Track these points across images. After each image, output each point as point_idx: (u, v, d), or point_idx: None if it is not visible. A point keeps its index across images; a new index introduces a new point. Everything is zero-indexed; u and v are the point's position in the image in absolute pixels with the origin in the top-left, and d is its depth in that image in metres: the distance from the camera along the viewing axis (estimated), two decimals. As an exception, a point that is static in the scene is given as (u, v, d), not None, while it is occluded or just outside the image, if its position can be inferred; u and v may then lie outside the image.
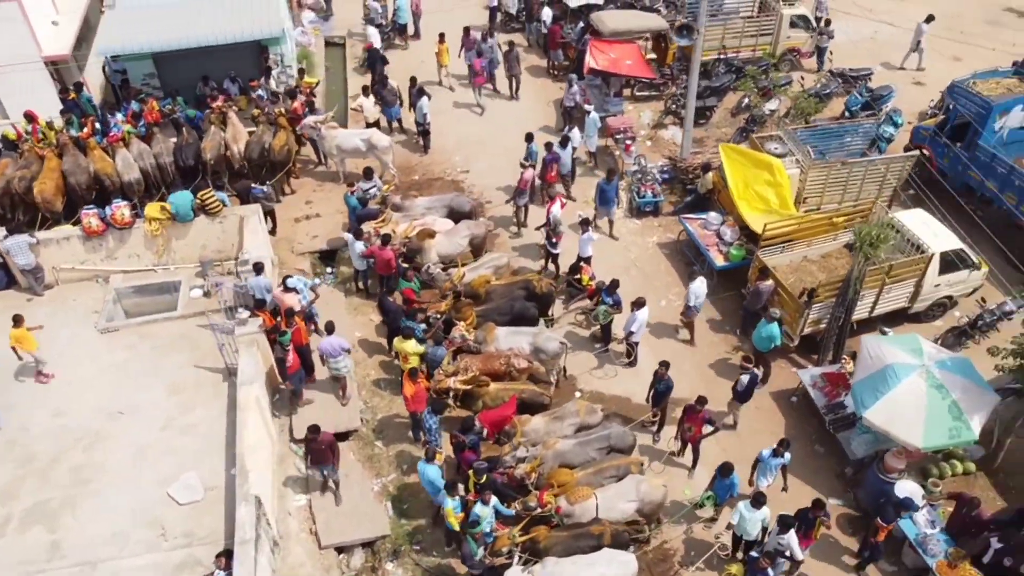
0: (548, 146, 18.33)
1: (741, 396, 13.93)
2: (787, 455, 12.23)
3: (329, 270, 17.87)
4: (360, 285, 16.74)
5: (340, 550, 13.03)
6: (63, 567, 12.05)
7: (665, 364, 13.44)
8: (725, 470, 11.97)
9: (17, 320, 14.06)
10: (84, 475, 13.26)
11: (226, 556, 11.53)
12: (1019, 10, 26.54)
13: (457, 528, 11.54)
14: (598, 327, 15.74)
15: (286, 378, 13.94)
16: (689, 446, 13.57)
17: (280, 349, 13.60)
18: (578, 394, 15.07)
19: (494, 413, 12.76)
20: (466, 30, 22.51)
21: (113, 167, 17.74)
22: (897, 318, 16.13)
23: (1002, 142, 17.89)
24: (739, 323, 16.10)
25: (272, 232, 18.10)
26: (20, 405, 14.34)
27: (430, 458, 12.16)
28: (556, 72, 23.69)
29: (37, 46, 18.57)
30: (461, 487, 11.62)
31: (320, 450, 12.43)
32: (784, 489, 12.63)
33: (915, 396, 12.23)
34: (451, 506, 11.42)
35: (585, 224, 16.26)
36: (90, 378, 14.84)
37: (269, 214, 17.87)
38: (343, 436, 14.35)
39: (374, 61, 22.01)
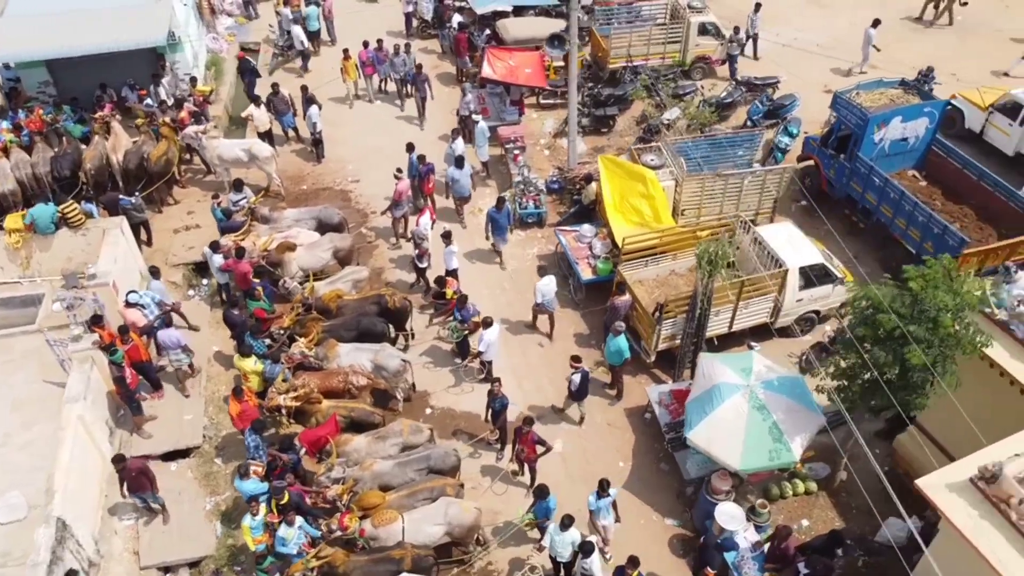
0: (422, 158, 18.12)
1: (576, 395, 14.02)
2: (612, 491, 11.92)
3: (205, 282, 17.69)
4: (224, 298, 16.56)
5: (166, 570, 12.86)
6: None
7: (497, 381, 13.27)
8: (540, 492, 11.78)
9: None
10: (-89, 490, 13.08)
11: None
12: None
13: (252, 548, 11.34)
14: (453, 342, 15.57)
15: (124, 397, 13.69)
16: (526, 466, 13.35)
17: (115, 368, 13.37)
18: (428, 411, 14.91)
19: (313, 432, 12.58)
20: (379, 43, 22.20)
21: (-14, 177, 17.57)
22: (767, 333, 15.92)
23: (884, 154, 17.68)
24: (603, 337, 15.88)
25: (148, 243, 17.92)
26: None
27: (243, 474, 12.00)
28: (465, 79, 23.48)
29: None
30: (263, 506, 11.41)
31: (132, 477, 12.23)
32: (617, 521, 12.36)
33: (736, 417, 12.05)
34: (247, 524, 11.24)
35: (447, 237, 16.06)
36: (-66, 392, 14.65)
37: (143, 225, 17.68)
38: (184, 453, 14.19)
39: (244, 71, 21.66)
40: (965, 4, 25.49)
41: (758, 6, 23.29)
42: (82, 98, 20.90)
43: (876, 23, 22.79)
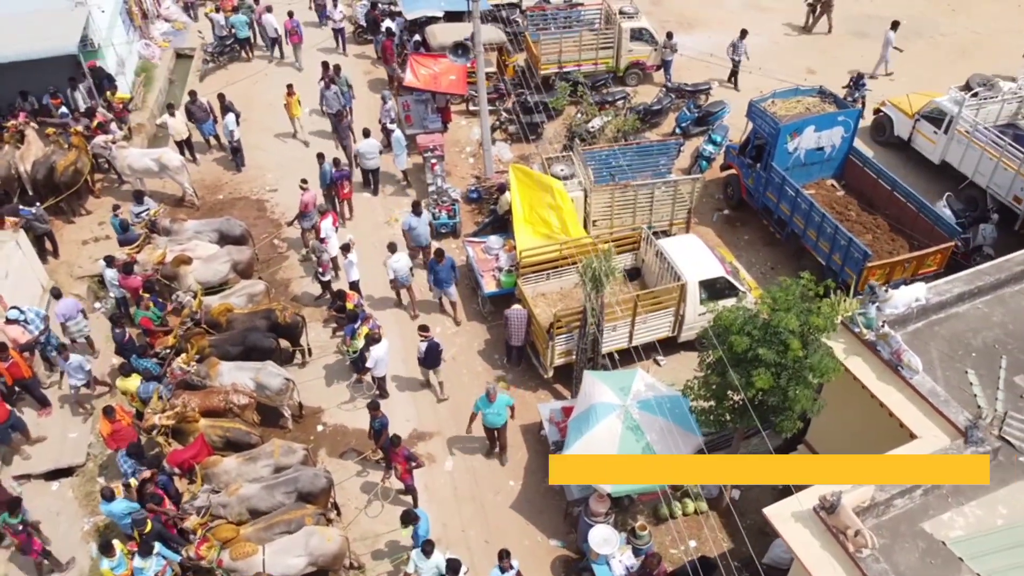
0: (336, 162, 17.92)
1: (425, 362, 14.56)
2: (515, 563, 11.33)
3: (112, 295, 17.37)
4: (122, 312, 16.24)
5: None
6: None
7: (374, 404, 13.03)
8: (406, 519, 11.50)
9: None
10: None
11: None
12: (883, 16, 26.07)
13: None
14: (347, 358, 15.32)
15: None
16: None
17: None
18: (320, 428, 14.64)
19: (181, 453, 12.29)
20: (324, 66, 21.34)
21: None
22: (674, 347, 15.67)
23: (800, 163, 17.47)
24: (504, 351, 15.65)
25: (54, 255, 17.62)
26: None
27: (107, 497, 11.73)
28: (391, 85, 23.19)
29: None
30: (117, 543, 11.11)
31: None
32: None
33: (609, 437, 11.79)
34: (106, 567, 10.95)
35: (346, 249, 15.79)
36: None
37: (48, 236, 17.38)
38: (67, 472, 13.91)
39: (100, 79, 21.06)
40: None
41: (744, 32, 22.38)
42: (1, 106, 20.58)
43: (895, 25, 22.52)
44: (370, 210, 19.26)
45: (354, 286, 15.99)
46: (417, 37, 23.10)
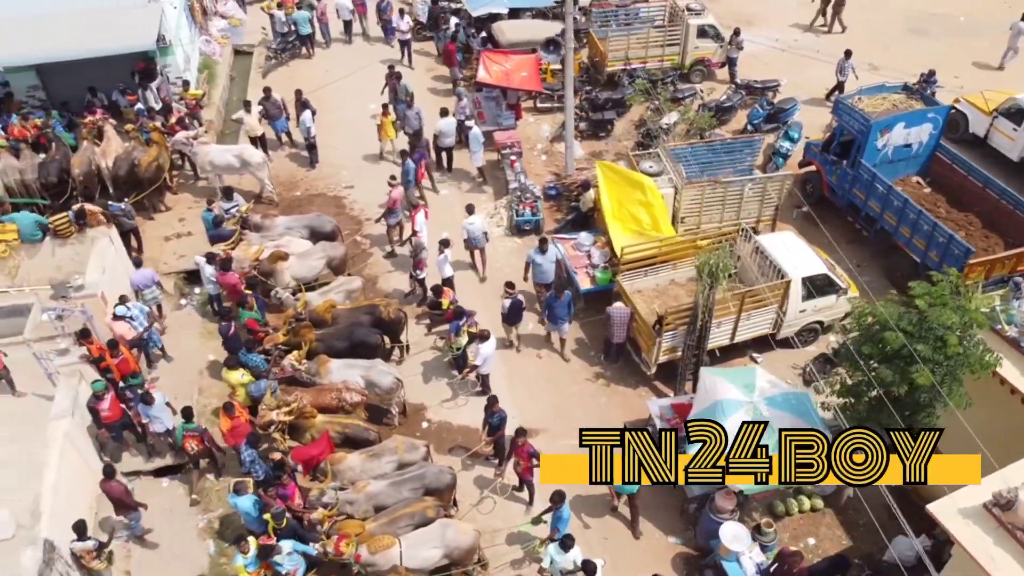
0: (403, 154, 18.27)
1: (508, 318, 15.11)
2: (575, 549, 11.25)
3: (196, 291, 17.37)
4: (215, 308, 16.23)
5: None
6: None
7: (494, 398, 12.98)
8: (557, 499, 11.42)
9: None
10: None
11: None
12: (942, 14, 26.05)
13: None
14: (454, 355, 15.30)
15: (101, 426, 13.29)
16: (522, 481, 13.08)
17: (93, 397, 12.94)
18: (425, 424, 14.61)
19: (305, 451, 12.26)
20: (390, 72, 21.26)
21: (-25, 184, 17.21)
22: (769, 345, 15.65)
23: (887, 160, 17.42)
24: (603, 348, 15.61)
25: (138, 251, 17.56)
26: None
27: (238, 492, 11.72)
28: (456, 86, 23.11)
29: None
30: (252, 540, 11.07)
31: (114, 499, 11.92)
32: None
33: (739, 434, 11.72)
34: (240, 563, 10.90)
35: (445, 244, 15.73)
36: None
37: (133, 232, 17.33)
38: (175, 469, 13.87)
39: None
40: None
41: (849, 53, 21.68)
42: (72, 102, 20.56)
43: None
44: (448, 205, 19.16)
45: (448, 282, 15.92)
46: (483, 34, 23.02)
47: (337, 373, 13.62)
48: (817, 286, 15.01)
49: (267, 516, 11.31)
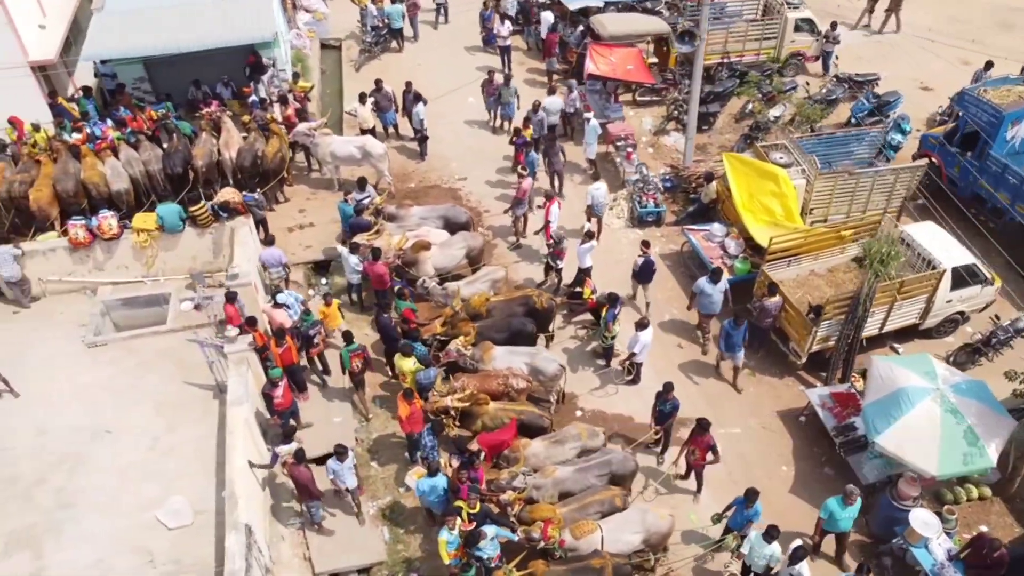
0: (516, 132, 18.74)
1: (639, 276, 15.59)
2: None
3: (324, 281, 17.42)
4: (354, 298, 16.26)
5: (333, 576, 12.58)
6: (45, 596, 11.60)
7: (670, 385, 12.99)
8: (751, 496, 11.43)
9: None
10: (67, 498, 12.84)
11: (213, 585, 11.11)
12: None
13: (447, 562, 11.05)
14: (598, 344, 15.33)
15: (273, 413, 13.36)
16: (693, 470, 13.09)
17: (269, 384, 13.03)
18: (579, 413, 14.62)
19: (493, 436, 12.30)
20: (490, 76, 20.90)
21: (101, 176, 17.20)
22: (908, 335, 15.69)
23: (1014, 151, 17.42)
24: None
25: (265, 242, 17.57)
26: (1, 424, 13.87)
27: (433, 472, 11.75)
28: (552, 79, 23.13)
29: (23, 51, 18.02)
30: (458, 519, 11.10)
31: (301, 486, 11.96)
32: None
33: (929, 421, 11.80)
34: (445, 538, 10.93)
35: (589, 236, 15.75)
36: (73, 395, 14.42)
37: (261, 223, 17.36)
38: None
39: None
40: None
41: (989, 64, 21.08)
42: (175, 95, 20.56)
43: None
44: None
45: (587, 273, 15.95)
46: (579, 28, 23.04)
47: (501, 360, 13.65)
48: (964, 276, 15.03)
49: (459, 503, 11.30)
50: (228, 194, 16.34)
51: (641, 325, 14.09)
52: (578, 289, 15.98)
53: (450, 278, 15.86)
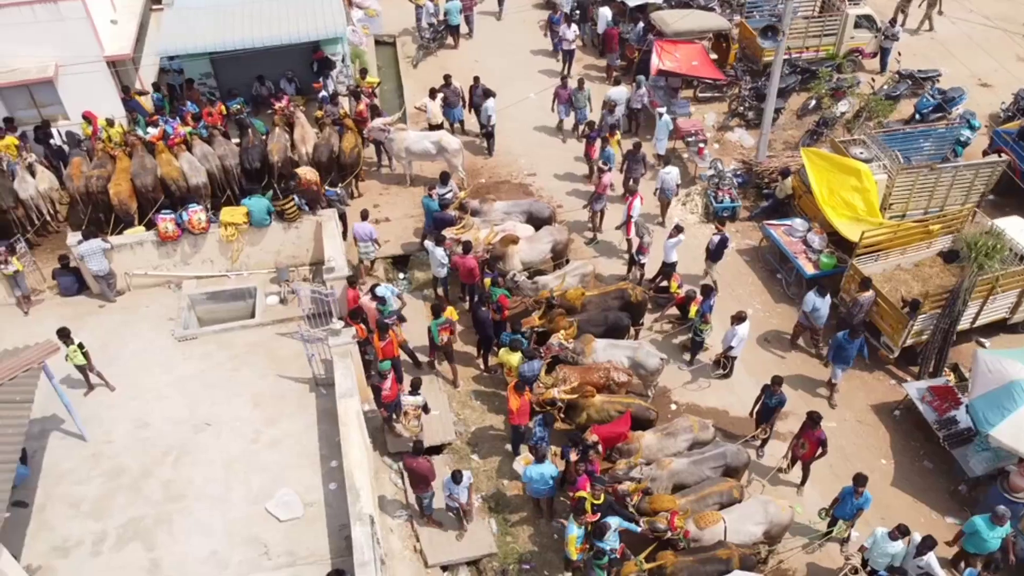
0: (591, 125, 18.81)
1: (712, 255, 16.03)
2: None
3: (402, 275, 17.46)
4: (439, 292, 16.29)
5: (443, 568, 12.60)
6: (164, 588, 11.63)
7: (779, 379, 12.99)
8: (859, 481, 11.44)
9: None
10: (175, 490, 12.89)
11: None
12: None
13: (575, 558, 11.07)
14: (687, 337, 15.36)
15: (381, 405, 13.42)
16: (799, 464, 13.11)
17: (377, 376, 13.10)
18: (673, 407, 14.65)
19: (609, 428, 12.33)
20: (563, 82, 21.07)
21: (179, 171, 17.24)
22: (994, 329, 15.70)
23: (1091, 147, 17.48)
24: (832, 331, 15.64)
25: (343, 236, 17.63)
26: (101, 417, 13.95)
27: (541, 459, 11.79)
28: (613, 75, 23.15)
29: (100, 45, 18.06)
30: (587, 517, 11.11)
31: (417, 477, 12.00)
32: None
33: (1046, 412, 11.82)
34: (574, 534, 10.95)
35: (678, 230, 15.77)
36: (168, 388, 14.48)
37: (340, 218, 17.39)
38: (436, 449, 13.93)
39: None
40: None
41: None
42: (239, 90, 20.60)
43: None
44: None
45: (673, 267, 15.97)
46: (639, 24, 23.05)
47: (602, 353, 13.69)
48: (1051, 270, 15.06)
49: (582, 493, 11.33)
50: (306, 172, 16.36)
51: (739, 319, 14.12)
52: (663, 283, 16.01)
53: (533, 273, 15.86)
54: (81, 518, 12.49)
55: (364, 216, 16.33)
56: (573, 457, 11.94)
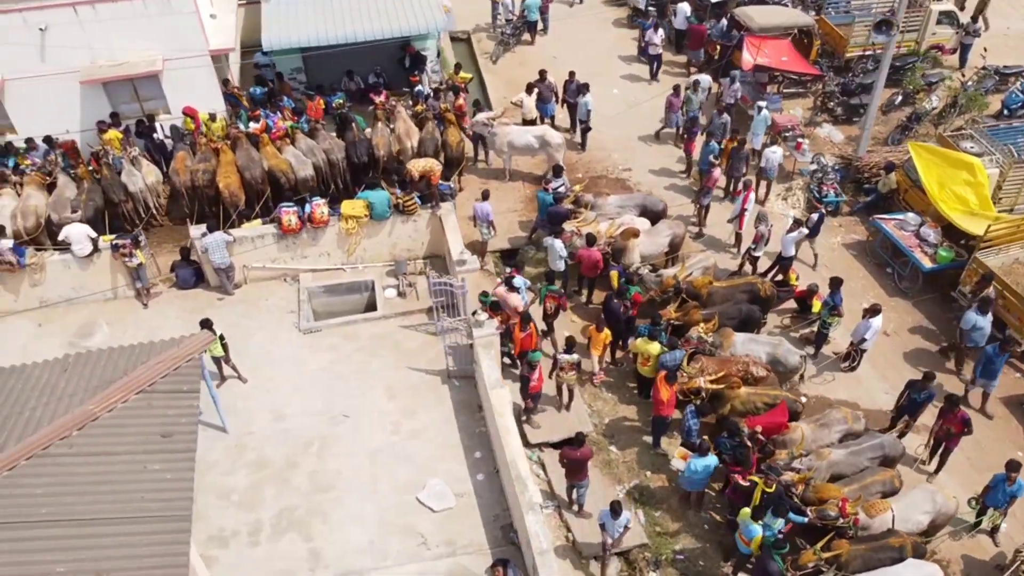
0: (709, 135, 18.42)
1: (812, 231, 16.28)
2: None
3: (508, 269, 17.47)
4: (559, 285, 16.30)
5: (595, 559, 12.61)
6: (328, 577, 11.68)
7: (931, 375, 13.01)
8: (1015, 466, 11.47)
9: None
10: (323, 481, 12.95)
11: (502, 566, 11.21)
12: None
13: (757, 551, 11.10)
14: (809, 330, 15.41)
15: (527, 396, 13.47)
16: (937, 453, 13.16)
17: (527, 367, 13.17)
18: (803, 399, 14.64)
19: (766, 419, 12.37)
20: (675, 91, 20.21)
21: (288, 164, 17.30)
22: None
23: None
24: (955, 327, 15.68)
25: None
26: (238, 408, 14.02)
27: (704, 452, 11.83)
28: (694, 71, 23.16)
29: (205, 39, 18.11)
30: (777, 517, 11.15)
31: (572, 464, 12.03)
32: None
33: None
34: (759, 534, 10.98)
35: (798, 224, 15.81)
36: (301, 380, 14.54)
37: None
38: (576, 440, 13.90)
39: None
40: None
41: None
42: (327, 85, 20.63)
43: None
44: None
45: (790, 261, 16.00)
46: (723, 21, 23.11)
47: (741, 347, 13.72)
48: None
49: (754, 478, 11.38)
50: (426, 164, 16.46)
51: (873, 312, 14.16)
52: (780, 277, 16.05)
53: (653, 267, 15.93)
54: (233, 509, 12.56)
55: (485, 196, 16.56)
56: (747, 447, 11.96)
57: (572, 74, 20.32)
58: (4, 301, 15.75)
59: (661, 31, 22.61)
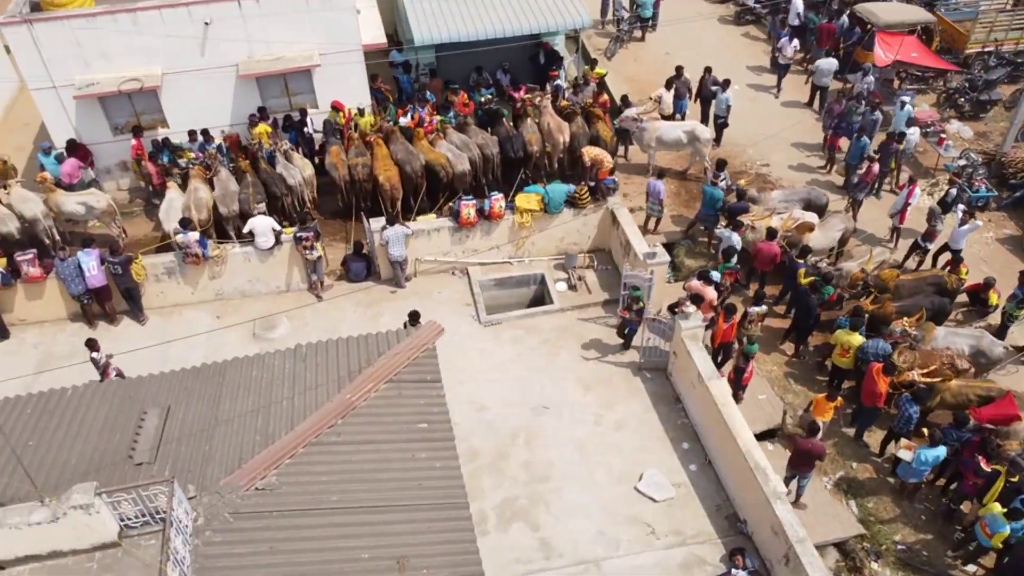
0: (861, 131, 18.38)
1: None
2: None
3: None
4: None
5: (813, 548, 12.70)
6: (564, 566, 11.80)
7: None
8: None
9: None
10: (538, 472, 13.02)
11: (740, 555, 11.29)
12: None
13: (999, 546, 11.18)
14: (986, 323, 15.49)
15: (739, 387, 13.58)
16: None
17: (744, 359, 13.29)
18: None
19: (990, 411, 12.44)
20: (837, 98, 20.45)
21: (446, 158, 17.40)
22: None
23: None
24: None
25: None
26: (438, 400, 14.01)
27: (936, 442, 11.92)
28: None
29: (359, 35, 18.19)
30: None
31: (800, 455, 12.10)
32: None
33: None
34: (1008, 530, 11.07)
35: (970, 215, 15.90)
36: (493, 372, 14.63)
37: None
38: (770, 434, 14.05)
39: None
40: None
41: None
42: (457, 80, 20.71)
43: None
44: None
45: (959, 254, 16.07)
46: (843, 17, 23.19)
47: (943, 340, 13.81)
48: None
49: (997, 467, 11.47)
50: (599, 153, 16.58)
51: (1018, 309, 14.25)
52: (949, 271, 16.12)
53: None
54: (455, 499, 12.59)
55: (660, 176, 17.11)
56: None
57: (708, 69, 20.40)
58: (182, 293, 15.86)
59: (796, 41, 22.32)
